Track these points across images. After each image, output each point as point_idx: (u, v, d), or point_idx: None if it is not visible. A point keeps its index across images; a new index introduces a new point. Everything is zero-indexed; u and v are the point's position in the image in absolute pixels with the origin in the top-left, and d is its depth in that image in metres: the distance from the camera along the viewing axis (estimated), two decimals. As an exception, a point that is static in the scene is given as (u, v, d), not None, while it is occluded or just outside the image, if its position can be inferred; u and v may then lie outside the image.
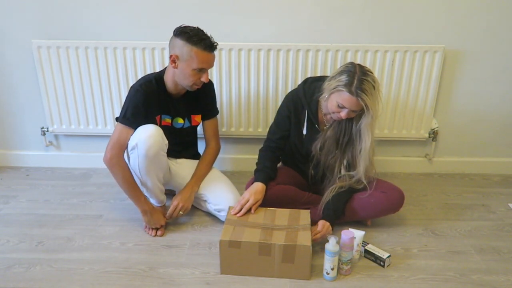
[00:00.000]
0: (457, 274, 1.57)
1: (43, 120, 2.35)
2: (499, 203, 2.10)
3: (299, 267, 1.51)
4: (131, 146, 1.68)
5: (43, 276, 1.54)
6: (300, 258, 1.49)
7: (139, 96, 1.70)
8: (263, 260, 1.51)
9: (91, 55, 2.15)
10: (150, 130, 1.66)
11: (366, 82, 1.53)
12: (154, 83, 1.75)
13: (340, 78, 1.57)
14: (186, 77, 1.69)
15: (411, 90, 2.20)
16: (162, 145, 1.70)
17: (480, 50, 2.15)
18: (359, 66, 1.58)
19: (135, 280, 1.53)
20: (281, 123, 1.83)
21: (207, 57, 1.65)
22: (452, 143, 2.38)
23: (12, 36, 2.17)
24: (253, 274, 1.54)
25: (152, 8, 2.09)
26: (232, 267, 1.54)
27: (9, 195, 2.14)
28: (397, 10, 2.07)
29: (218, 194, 1.86)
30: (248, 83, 2.20)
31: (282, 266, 1.51)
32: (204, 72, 1.70)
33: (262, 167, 1.80)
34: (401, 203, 1.79)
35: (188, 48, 1.62)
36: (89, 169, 2.42)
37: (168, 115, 1.84)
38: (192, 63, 1.64)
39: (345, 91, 1.55)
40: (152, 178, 1.75)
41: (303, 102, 1.77)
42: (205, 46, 1.63)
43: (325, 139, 1.75)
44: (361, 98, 1.53)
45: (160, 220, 1.79)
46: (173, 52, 1.66)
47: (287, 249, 1.49)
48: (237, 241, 1.50)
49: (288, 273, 1.52)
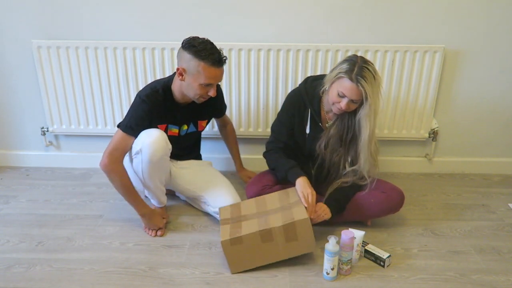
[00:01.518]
0: (457, 274, 1.57)
1: (43, 120, 2.35)
2: (499, 203, 2.10)
3: (304, 241, 1.53)
4: (135, 150, 1.67)
5: (43, 276, 1.54)
6: (302, 232, 1.51)
7: (144, 107, 1.67)
8: (268, 246, 1.52)
9: (91, 55, 2.15)
10: (155, 136, 1.65)
11: (367, 70, 1.54)
12: (161, 93, 1.71)
13: (341, 66, 1.59)
14: (193, 91, 1.66)
15: (411, 90, 2.20)
16: (166, 150, 1.70)
17: (480, 50, 2.15)
18: (361, 57, 1.59)
19: (135, 280, 1.53)
20: (287, 122, 1.81)
21: (214, 72, 1.62)
22: (452, 143, 2.38)
23: (12, 36, 2.17)
24: (263, 263, 1.55)
25: (152, 8, 2.09)
26: (240, 263, 1.55)
27: (9, 195, 2.14)
28: (397, 10, 2.07)
29: (217, 197, 1.86)
30: (248, 83, 2.20)
31: (287, 246, 1.53)
32: (211, 87, 1.67)
33: (292, 165, 1.74)
34: (401, 204, 1.79)
35: (196, 62, 1.59)
36: (89, 169, 2.42)
37: (175, 125, 1.82)
38: (199, 78, 1.61)
39: (346, 77, 1.56)
40: (155, 182, 1.76)
41: (305, 101, 1.77)
42: (213, 61, 1.58)
43: (329, 137, 1.75)
44: (361, 84, 1.53)
45: (159, 223, 1.79)
46: (180, 65, 1.63)
47: (287, 228, 1.50)
48: (238, 237, 1.51)
49: (295, 250, 1.54)
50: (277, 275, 1.56)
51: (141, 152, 1.65)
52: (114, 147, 1.68)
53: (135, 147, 1.67)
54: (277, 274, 1.56)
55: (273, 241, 1.52)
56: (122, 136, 1.69)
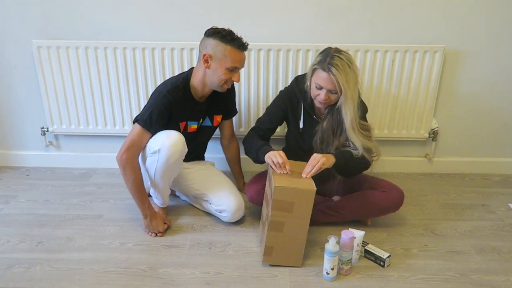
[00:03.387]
0: (457, 274, 1.57)
1: (43, 120, 2.35)
2: (499, 203, 2.10)
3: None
4: (152, 150, 1.68)
5: (43, 276, 1.54)
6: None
7: (165, 102, 1.69)
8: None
9: (91, 55, 2.15)
10: (175, 138, 1.66)
11: (338, 58, 1.56)
12: (181, 88, 1.73)
13: (316, 59, 1.63)
14: (218, 76, 1.69)
15: (411, 90, 2.20)
16: (183, 152, 1.72)
17: (480, 50, 2.15)
18: (335, 48, 1.63)
19: (135, 280, 1.53)
20: (274, 115, 1.84)
21: (240, 55, 1.67)
22: (452, 143, 2.38)
23: (12, 36, 2.17)
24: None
25: (152, 8, 2.09)
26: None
27: (9, 195, 2.14)
28: (397, 10, 2.07)
29: (220, 195, 1.86)
30: (248, 83, 2.20)
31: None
32: (236, 72, 1.71)
33: (263, 143, 1.74)
34: (401, 202, 1.79)
35: (222, 47, 1.63)
36: (89, 169, 2.42)
37: (195, 121, 1.84)
38: (226, 62, 1.65)
39: (319, 68, 1.59)
40: (165, 182, 1.77)
41: (298, 96, 1.78)
42: (238, 45, 1.65)
43: (323, 132, 1.76)
44: (332, 73, 1.55)
45: (159, 227, 1.79)
46: (206, 52, 1.66)
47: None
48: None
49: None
50: (277, 275, 1.56)
51: (159, 152, 1.65)
52: (132, 142, 1.69)
53: (152, 147, 1.68)
54: (277, 274, 1.56)
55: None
56: (141, 131, 1.69)
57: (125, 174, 1.70)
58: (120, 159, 1.68)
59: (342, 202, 1.84)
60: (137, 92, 2.22)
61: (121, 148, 1.69)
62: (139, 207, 1.76)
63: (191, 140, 1.81)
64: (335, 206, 1.83)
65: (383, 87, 2.18)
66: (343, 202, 1.84)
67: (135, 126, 1.71)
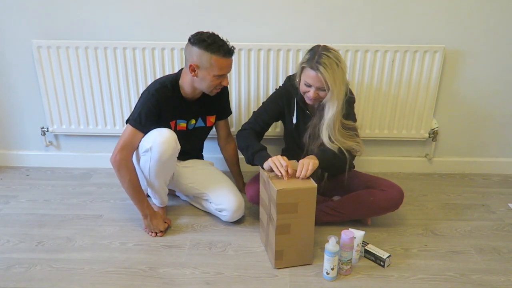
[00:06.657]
0: (457, 274, 1.57)
1: (43, 120, 2.35)
2: (499, 203, 2.10)
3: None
4: (144, 148, 1.68)
5: (43, 276, 1.54)
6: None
7: (153, 101, 1.70)
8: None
9: (91, 55, 2.15)
10: (166, 135, 1.66)
11: (326, 57, 1.57)
12: (169, 87, 1.74)
13: (305, 57, 1.64)
14: (207, 83, 1.70)
15: (411, 90, 2.20)
16: (175, 150, 1.71)
17: (480, 50, 2.15)
18: (323, 46, 1.63)
19: (135, 280, 1.53)
20: (271, 108, 1.85)
21: (226, 62, 1.68)
22: (452, 143, 2.38)
23: (12, 36, 2.17)
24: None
25: (152, 8, 2.09)
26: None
27: (9, 195, 2.14)
28: (397, 10, 2.07)
29: (220, 195, 1.87)
30: (248, 83, 2.20)
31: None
32: (224, 77, 1.72)
33: (261, 147, 1.72)
34: (401, 201, 1.79)
35: (207, 56, 1.63)
36: (89, 169, 2.42)
37: (183, 120, 1.84)
38: (213, 70, 1.66)
39: (307, 66, 1.61)
40: (160, 181, 1.77)
41: (292, 92, 1.80)
42: (224, 53, 1.64)
43: (313, 128, 1.77)
44: (320, 71, 1.56)
45: (159, 226, 1.79)
46: (192, 62, 1.66)
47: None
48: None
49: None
50: (277, 275, 1.56)
51: (151, 150, 1.66)
52: (124, 143, 1.69)
53: (145, 145, 1.68)
54: (277, 274, 1.57)
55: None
56: (132, 131, 1.70)
57: (120, 175, 1.70)
58: (114, 160, 1.68)
59: (341, 202, 1.84)
60: (137, 92, 2.22)
61: (114, 149, 1.69)
62: (138, 208, 1.76)
63: (186, 140, 1.81)
64: (335, 206, 1.83)
65: (383, 87, 2.18)
66: (343, 201, 1.84)
67: (127, 126, 1.72)
